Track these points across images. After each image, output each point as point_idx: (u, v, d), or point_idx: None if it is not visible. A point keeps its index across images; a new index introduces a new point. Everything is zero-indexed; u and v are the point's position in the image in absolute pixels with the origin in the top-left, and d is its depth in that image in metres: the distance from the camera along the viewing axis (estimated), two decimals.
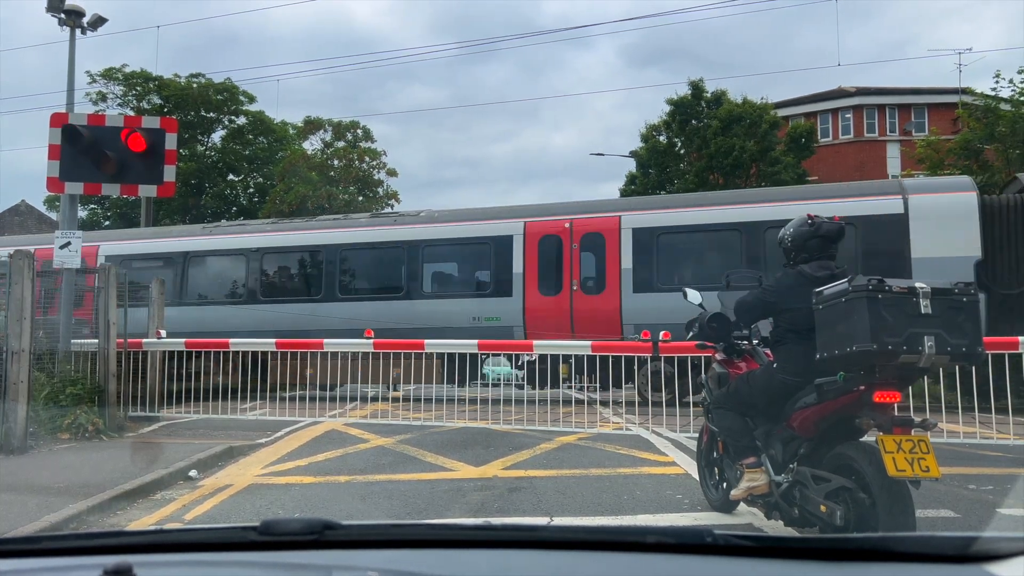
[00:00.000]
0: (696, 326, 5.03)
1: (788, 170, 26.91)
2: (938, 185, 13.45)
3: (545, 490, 6.06)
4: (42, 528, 4.83)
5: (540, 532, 1.81)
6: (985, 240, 11.75)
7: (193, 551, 1.63)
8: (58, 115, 10.06)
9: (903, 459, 3.50)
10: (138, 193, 10.55)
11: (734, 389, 4.68)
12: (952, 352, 3.57)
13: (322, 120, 38.76)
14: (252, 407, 11.38)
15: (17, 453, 7.63)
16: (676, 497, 5.80)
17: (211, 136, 40.18)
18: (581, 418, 10.26)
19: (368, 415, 10.88)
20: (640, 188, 29.62)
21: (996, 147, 19.79)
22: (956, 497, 5.60)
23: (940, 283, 3.68)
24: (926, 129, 29.10)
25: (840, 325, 3.69)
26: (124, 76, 36.28)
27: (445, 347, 11.78)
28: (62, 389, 9.05)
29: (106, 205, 38.07)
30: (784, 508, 4.21)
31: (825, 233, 4.42)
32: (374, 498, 5.89)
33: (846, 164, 31.33)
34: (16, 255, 8.18)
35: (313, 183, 35.68)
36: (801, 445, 4.16)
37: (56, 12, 15.57)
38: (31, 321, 8.15)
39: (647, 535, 1.54)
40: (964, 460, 7.12)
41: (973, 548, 1.37)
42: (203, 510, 5.64)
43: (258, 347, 13.00)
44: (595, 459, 7.45)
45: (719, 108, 27.74)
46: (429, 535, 1.71)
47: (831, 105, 33.37)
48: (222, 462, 7.52)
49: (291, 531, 1.56)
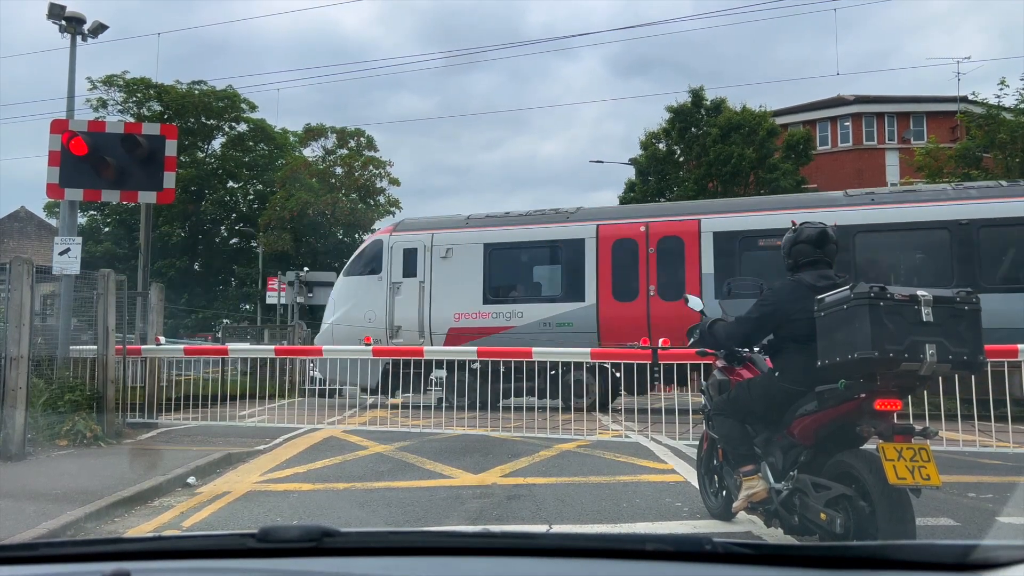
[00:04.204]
0: (697, 333, 5.03)
1: (786, 177, 26.99)
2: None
3: (544, 498, 6.05)
4: (40, 535, 4.81)
5: (539, 540, 1.81)
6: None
7: (191, 558, 1.62)
8: (58, 122, 10.07)
9: (904, 467, 3.50)
10: (138, 199, 10.56)
11: (734, 396, 4.68)
12: (953, 360, 3.57)
13: (324, 127, 38.86)
14: (251, 414, 11.37)
15: (15, 459, 7.61)
16: (675, 505, 5.78)
17: (211, 143, 40.26)
18: (580, 425, 10.24)
19: (367, 422, 10.87)
20: (639, 195, 29.69)
21: (996, 155, 19.82)
22: (956, 505, 5.59)
23: (941, 291, 3.68)
24: (925, 137, 29.16)
25: (841, 332, 3.69)
26: (125, 83, 36.37)
27: (444, 354, 11.80)
28: (60, 395, 9.03)
29: (106, 211, 38.13)
30: (784, 516, 4.19)
31: (806, 238, 4.41)
32: (372, 505, 5.88)
33: (845, 172, 31.39)
34: (15, 261, 8.18)
35: (315, 190, 35.75)
36: (801, 453, 4.15)
37: (57, 19, 15.62)
38: (29, 327, 8.15)
39: (646, 543, 1.54)
40: (963, 468, 7.11)
41: (972, 556, 1.37)
42: (201, 517, 5.62)
43: (255, 354, 13.04)
44: (594, 466, 7.43)
45: (719, 116, 27.83)
46: (427, 543, 1.70)
47: (830, 113, 33.48)
48: (220, 469, 7.50)
49: (289, 538, 1.56)
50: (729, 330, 4.63)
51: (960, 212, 11.90)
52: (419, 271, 14.26)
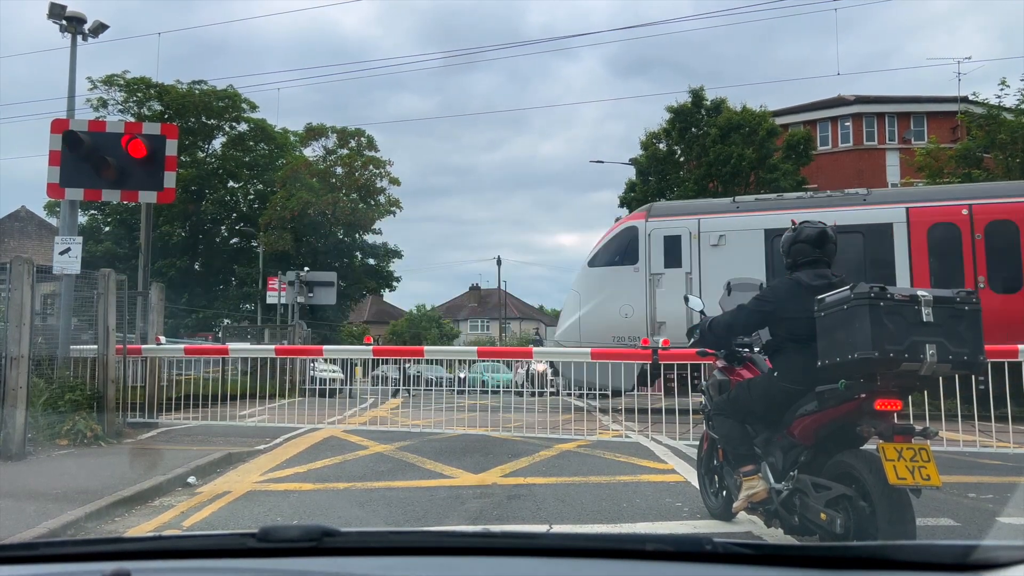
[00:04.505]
0: (697, 333, 5.03)
1: (787, 177, 26.97)
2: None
3: (544, 498, 6.05)
4: (40, 534, 4.81)
5: (539, 540, 1.81)
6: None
7: (191, 558, 1.62)
8: (59, 121, 10.07)
9: (904, 467, 3.50)
10: (138, 199, 10.56)
11: (734, 396, 4.68)
12: (953, 360, 3.57)
13: (324, 127, 38.85)
14: (251, 413, 11.37)
15: (15, 459, 7.61)
16: (675, 505, 5.78)
17: (212, 143, 40.25)
18: (580, 425, 10.24)
19: (367, 422, 10.87)
20: (640, 195, 29.67)
21: (996, 155, 19.81)
22: (956, 505, 5.59)
23: (942, 291, 3.69)
24: (925, 137, 29.14)
25: (841, 332, 3.69)
26: (126, 82, 36.37)
27: (443, 354, 11.79)
28: (61, 395, 9.03)
29: (106, 211, 38.13)
30: (784, 516, 4.19)
31: (806, 238, 4.41)
32: (373, 505, 5.88)
33: (845, 172, 31.36)
34: (16, 261, 8.18)
35: (315, 190, 35.74)
36: (801, 453, 4.15)
37: (57, 19, 15.62)
38: (30, 327, 8.15)
39: (646, 543, 1.54)
40: (964, 468, 7.11)
41: (972, 557, 1.37)
42: (201, 517, 5.62)
43: (255, 353, 13.03)
44: (594, 466, 7.43)
45: (719, 116, 27.82)
46: (427, 542, 1.70)
47: (830, 113, 33.44)
48: (220, 468, 7.50)
49: (290, 538, 1.56)
50: (726, 320, 4.62)
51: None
52: (685, 261, 12.98)
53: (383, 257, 41.06)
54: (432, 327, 58.51)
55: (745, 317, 4.50)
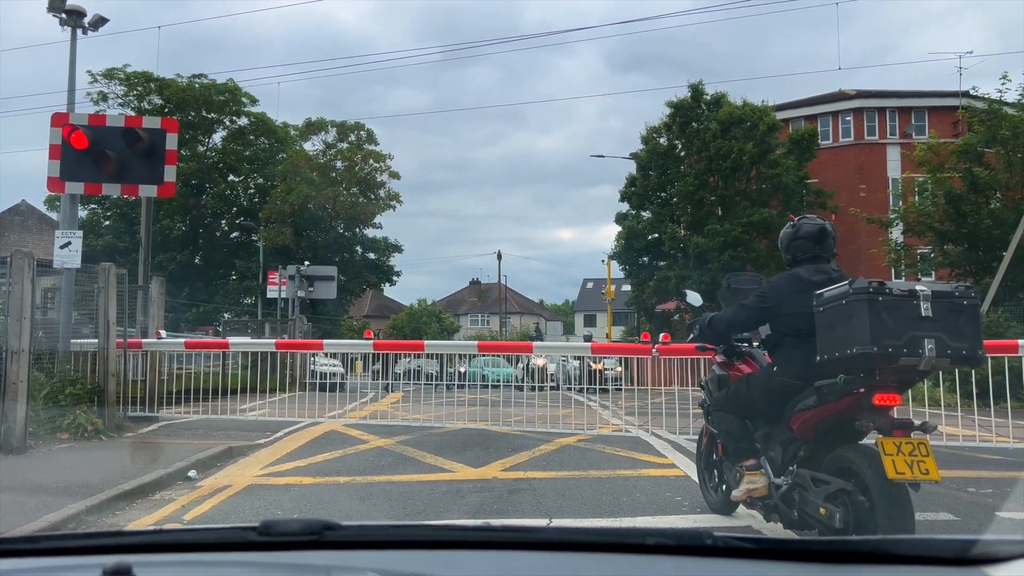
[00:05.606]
0: (696, 328, 5.03)
1: (789, 173, 26.96)
2: None
3: (544, 492, 6.06)
4: (41, 528, 4.82)
5: (539, 534, 1.82)
6: None
7: (192, 551, 1.63)
8: (59, 115, 10.07)
9: (903, 462, 3.50)
10: (138, 193, 10.56)
11: (734, 391, 4.68)
12: (952, 355, 3.57)
13: (324, 121, 38.79)
14: (251, 407, 11.38)
15: (16, 453, 7.63)
16: (675, 499, 5.80)
17: (212, 137, 40.19)
18: (580, 420, 10.26)
19: (367, 416, 10.88)
20: (640, 190, 29.66)
21: (998, 150, 19.77)
22: (955, 500, 5.60)
23: (940, 285, 3.69)
24: (926, 132, 29.10)
25: (840, 327, 3.69)
26: (126, 76, 36.30)
27: (442, 348, 11.80)
28: (61, 389, 9.05)
29: (106, 205, 38.09)
30: (783, 510, 4.20)
31: (805, 234, 4.41)
32: (373, 499, 5.89)
33: (846, 167, 31.33)
34: (16, 255, 8.18)
35: (315, 184, 35.72)
36: (801, 448, 4.16)
37: (57, 12, 15.59)
38: (31, 321, 8.15)
39: (646, 537, 1.54)
40: (963, 463, 7.11)
41: (972, 551, 1.37)
42: (202, 510, 5.63)
43: (256, 347, 13.05)
44: (594, 461, 7.44)
45: (719, 111, 27.79)
46: (428, 536, 1.71)
47: (831, 108, 33.34)
48: (221, 462, 7.52)
49: (290, 532, 1.56)
50: (727, 317, 4.63)
51: None
52: None
53: (383, 251, 41.03)
54: (432, 321, 58.58)
55: (746, 315, 4.51)
